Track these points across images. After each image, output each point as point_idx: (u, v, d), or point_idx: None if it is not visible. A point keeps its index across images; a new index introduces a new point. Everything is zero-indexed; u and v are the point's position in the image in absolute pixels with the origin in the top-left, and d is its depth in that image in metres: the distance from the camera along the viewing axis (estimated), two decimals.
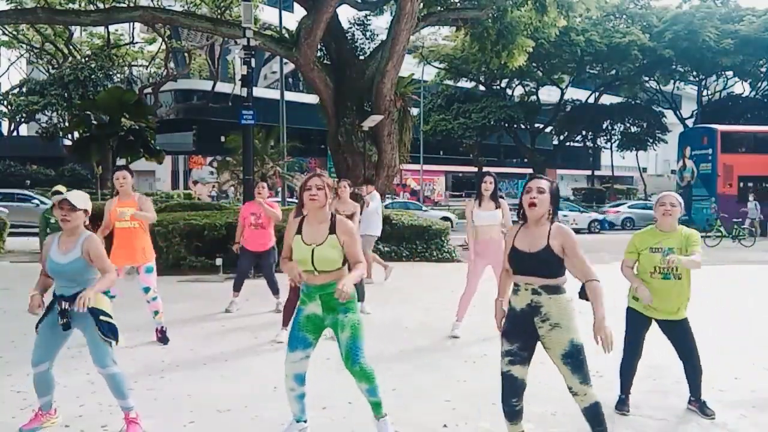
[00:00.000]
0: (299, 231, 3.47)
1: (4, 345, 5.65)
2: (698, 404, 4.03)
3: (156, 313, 5.80)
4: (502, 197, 6.41)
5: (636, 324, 4.02)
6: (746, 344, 5.91)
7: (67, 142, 28.04)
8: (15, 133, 36.15)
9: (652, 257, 3.91)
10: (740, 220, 18.89)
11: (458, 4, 15.65)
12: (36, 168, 30.30)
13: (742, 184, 22.29)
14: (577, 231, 21.32)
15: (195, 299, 7.91)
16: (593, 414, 3.17)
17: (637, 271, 4.02)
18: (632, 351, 4.05)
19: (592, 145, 42.09)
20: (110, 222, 5.59)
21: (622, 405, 4.08)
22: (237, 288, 7.40)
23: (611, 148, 40.66)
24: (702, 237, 18.88)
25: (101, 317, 3.68)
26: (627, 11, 32.81)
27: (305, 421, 3.67)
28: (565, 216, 23.24)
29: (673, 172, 30.78)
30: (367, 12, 15.78)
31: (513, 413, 3.26)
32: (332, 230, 3.42)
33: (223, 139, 21.43)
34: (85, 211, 3.71)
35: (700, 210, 22.23)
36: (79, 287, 3.66)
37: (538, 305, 3.10)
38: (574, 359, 3.08)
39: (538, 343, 3.18)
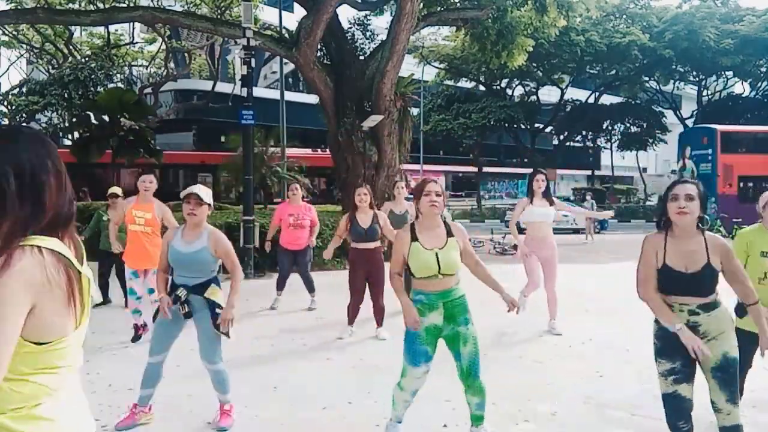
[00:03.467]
0: (415, 238, 3.39)
1: None
2: None
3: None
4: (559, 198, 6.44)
5: (744, 344, 3.51)
6: None
7: (67, 142, 28.01)
8: None
9: (763, 262, 3.54)
10: (740, 219, 18.89)
11: (458, 4, 15.64)
12: None
13: (742, 184, 22.27)
14: (578, 231, 21.33)
15: None
16: None
17: None
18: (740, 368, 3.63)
19: (592, 145, 42.06)
20: (120, 220, 5.67)
21: None
22: (280, 287, 7.72)
23: (611, 148, 40.62)
24: None
25: (217, 310, 3.70)
26: (627, 11, 32.77)
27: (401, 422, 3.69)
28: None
29: (673, 172, 30.70)
30: (367, 12, 15.77)
31: None
32: (450, 233, 3.41)
33: (223, 139, 21.41)
34: (209, 205, 3.75)
35: None
36: (203, 277, 3.70)
37: (696, 325, 2.89)
38: (724, 373, 2.88)
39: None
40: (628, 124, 37.64)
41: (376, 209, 6.12)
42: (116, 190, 7.41)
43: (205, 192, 3.70)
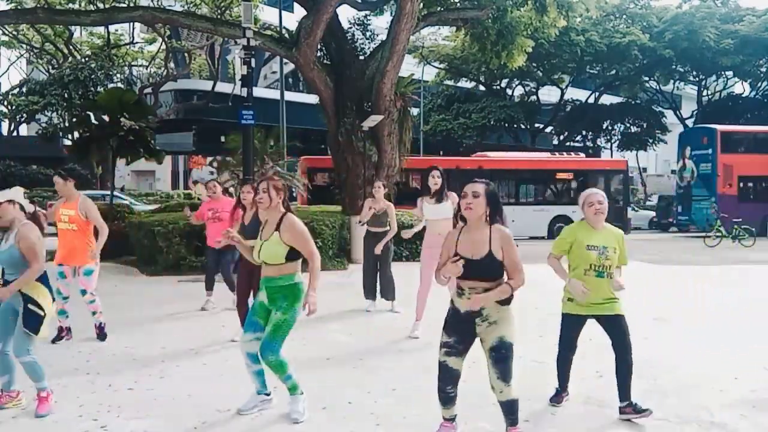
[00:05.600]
0: (263, 228, 3.92)
1: None
2: (631, 407, 3.87)
3: (94, 313, 5.86)
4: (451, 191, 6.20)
5: (571, 326, 4.05)
6: (746, 344, 5.91)
7: (67, 142, 28.01)
8: (15, 133, 36.13)
9: (588, 255, 3.88)
10: (740, 219, 18.87)
11: (458, 4, 15.63)
12: (36, 168, 30.27)
13: (742, 184, 22.25)
14: None
15: (195, 299, 7.90)
16: (508, 407, 3.39)
17: (568, 268, 4.01)
18: (567, 348, 4.12)
19: (592, 145, 42.01)
20: (51, 218, 5.64)
21: (557, 398, 4.16)
22: (209, 287, 7.51)
23: (611, 148, 40.59)
24: (702, 237, 18.62)
25: (29, 305, 3.84)
26: (627, 11, 32.73)
27: (268, 394, 4.03)
28: None
29: (673, 172, 30.69)
30: (367, 12, 15.76)
31: (447, 399, 3.46)
32: (277, 228, 3.78)
33: (223, 139, 21.38)
34: (10, 201, 3.89)
35: (700, 210, 22.20)
36: (17, 274, 3.86)
37: (482, 307, 3.29)
38: (497, 353, 3.28)
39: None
40: (628, 124, 37.59)
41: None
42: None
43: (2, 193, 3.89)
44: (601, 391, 4.39)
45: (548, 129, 38.79)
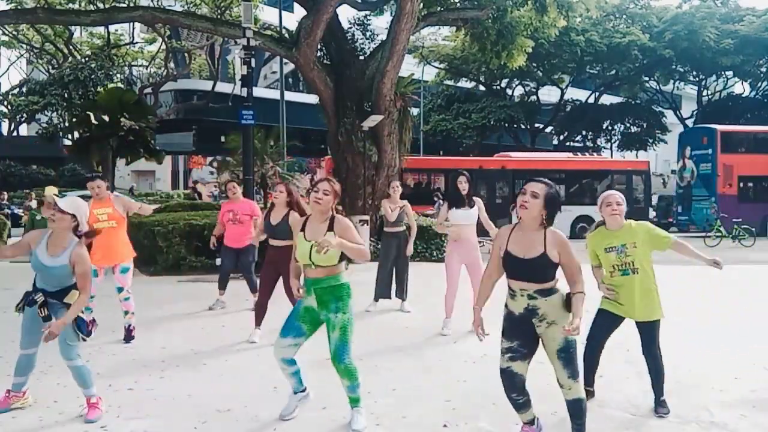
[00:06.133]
0: (302, 229, 3.72)
1: (4, 345, 5.64)
2: (659, 406, 4.03)
3: (126, 312, 5.85)
4: (478, 196, 6.41)
5: (604, 323, 4.05)
6: (746, 344, 5.91)
7: (67, 142, 28.02)
8: (15, 133, 36.15)
9: (608, 257, 3.94)
10: (740, 219, 18.88)
11: (458, 4, 15.64)
12: (36, 168, 30.30)
13: (742, 184, 22.25)
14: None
15: (195, 299, 7.92)
16: (575, 408, 3.36)
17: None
18: (595, 346, 4.10)
19: (592, 145, 42.02)
20: (90, 224, 5.65)
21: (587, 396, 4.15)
22: (222, 286, 7.50)
23: (611, 148, 40.58)
24: (702, 237, 18.60)
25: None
26: (627, 11, 32.73)
27: (303, 390, 3.94)
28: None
29: (673, 172, 30.64)
30: (367, 12, 15.76)
31: (517, 405, 3.42)
32: (330, 228, 3.64)
33: (223, 139, 21.41)
34: (73, 216, 3.74)
35: (700, 210, 22.20)
36: (62, 286, 3.79)
37: (536, 308, 3.23)
38: (566, 354, 3.24)
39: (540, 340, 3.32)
40: (628, 124, 37.57)
41: (296, 208, 5.69)
42: (51, 189, 7.44)
43: (65, 201, 3.75)
44: (601, 391, 4.39)
45: (548, 129, 38.78)
